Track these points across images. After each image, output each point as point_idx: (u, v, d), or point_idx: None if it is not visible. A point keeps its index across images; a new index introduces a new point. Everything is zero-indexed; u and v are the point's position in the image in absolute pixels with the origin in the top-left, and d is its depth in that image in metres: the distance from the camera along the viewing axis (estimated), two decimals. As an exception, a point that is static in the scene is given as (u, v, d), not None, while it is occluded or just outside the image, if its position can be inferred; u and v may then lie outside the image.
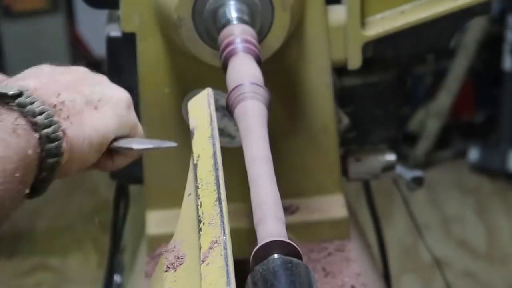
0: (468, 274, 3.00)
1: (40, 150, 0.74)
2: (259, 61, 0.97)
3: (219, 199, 0.74)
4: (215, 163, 0.79)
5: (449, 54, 3.55)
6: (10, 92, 0.73)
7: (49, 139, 0.75)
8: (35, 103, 0.74)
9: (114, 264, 1.44)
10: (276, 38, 1.07)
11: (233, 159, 0.90)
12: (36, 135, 0.73)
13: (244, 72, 0.93)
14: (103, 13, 1.21)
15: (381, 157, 1.25)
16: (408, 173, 1.27)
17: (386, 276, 1.50)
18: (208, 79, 1.06)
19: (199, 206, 0.75)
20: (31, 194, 0.74)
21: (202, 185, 0.77)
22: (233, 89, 0.91)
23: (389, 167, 1.25)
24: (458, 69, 3.64)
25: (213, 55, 1.05)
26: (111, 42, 1.15)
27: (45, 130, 0.74)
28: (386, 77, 1.22)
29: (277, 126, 1.14)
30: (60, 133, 0.76)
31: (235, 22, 1.01)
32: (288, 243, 0.67)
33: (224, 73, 0.96)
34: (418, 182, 1.27)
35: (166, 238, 0.83)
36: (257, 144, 0.82)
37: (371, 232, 1.51)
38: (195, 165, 0.81)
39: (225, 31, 1.00)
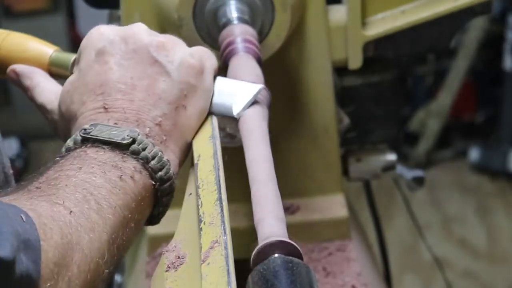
0: (468, 273, 3.00)
1: (155, 192, 0.78)
2: (259, 61, 0.97)
3: (219, 199, 0.74)
4: (216, 163, 0.79)
5: (449, 54, 3.55)
6: (124, 142, 0.76)
7: (162, 180, 0.78)
8: (147, 148, 0.77)
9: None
10: (276, 38, 1.07)
11: (233, 159, 0.89)
12: (152, 180, 0.78)
13: (245, 72, 0.93)
14: (103, 13, 1.22)
15: (381, 157, 1.25)
16: (408, 173, 1.27)
17: (387, 276, 1.50)
18: (208, 79, 1.06)
19: (199, 206, 0.75)
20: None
21: (202, 185, 0.77)
22: (233, 89, 0.91)
23: (390, 167, 1.25)
24: (458, 69, 3.64)
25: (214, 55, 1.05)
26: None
27: (159, 174, 0.78)
28: (387, 77, 1.22)
29: (278, 126, 1.14)
30: (171, 172, 0.79)
31: (235, 22, 1.01)
32: (289, 242, 0.67)
33: (224, 72, 0.96)
34: (418, 182, 1.27)
35: (166, 238, 0.82)
36: (257, 144, 0.82)
37: (371, 232, 1.51)
38: (195, 165, 0.81)
39: (225, 31, 1.00)
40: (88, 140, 0.77)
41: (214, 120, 0.85)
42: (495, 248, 3.19)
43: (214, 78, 0.87)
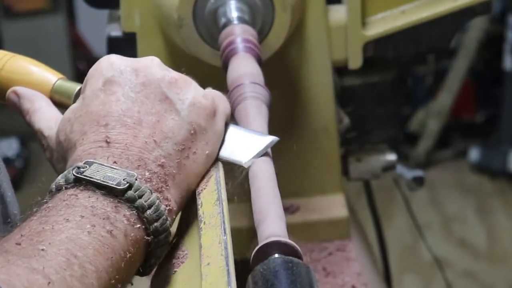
0: (468, 273, 3.00)
1: (148, 244, 0.72)
2: (259, 61, 0.97)
3: (219, 199, 0.74)
4: (216, 163, 0.79)
5: (449, 54, 3.55)
6: (119, 187, 0.70)
7: (157, 232, 0.72)
8: (144, 196, 0.71)
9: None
10: (276, 38, 1.07)
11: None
12: (145, 233, 0.71)
13: (245, 71, 0.93)
14: (103, 13, 1.22)
15: (381, 157, 1.25)
16: (408, 173, 1.27)
17: (387, 276, 1.50)
18: (208, 79, 1.06)
19: (199, 206, 0.75)
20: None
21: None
22: (233, 89, 0.91)
23: (390, 167, 1.25)
24: (458, 69, 3.64)
25: (214, 54, 1.05)
26: (111, 42, 1.15)
27: (154, 225, 0.72)
28: (387, 77, 1.22)
29: (278, 126, 1.14)
30: (168, 222, 0.73)
31: (235, 22, 1.01)
32: (289, 243, 0.67)
33: (224, 72, 0.97)
34: (418, 182, 1.27)
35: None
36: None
37: (371, 231, 1.51)
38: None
39: (225, 31, 1.01)
40: (80, 181, 0.71)
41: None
42: (495, 248, 3.19)
43: (226, 124, 0.81)
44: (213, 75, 1.05)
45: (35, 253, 0.65)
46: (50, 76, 0.88)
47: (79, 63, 3.97)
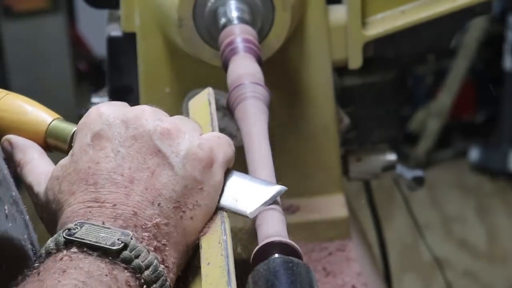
0: (468, 273, 3.00)
1: None
2: (259, 61, 0.97)
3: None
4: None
5: (449, 54, 3.55)
6: (114, 248, 0.66)
7: None
8: (141, 256, 0.67)
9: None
10: (276, 37, 1.07)
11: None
12: None
13: (245, 71, 0.93)
14: (103, 13, 1.22)
15: (381, 157, 1.24)
16: (408, 173, 1.27)
17: (387, 276, 1.50)
18: (208, 79, 1.06)
19: (199, 206, 0.75)
20: None
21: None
22: (233, 89, 0.91)
23: (390, 167, 1.24)
24: (458, 69, 3.64)
25: (214, 54, 1.05)
26: (111, 42, 1.15)
27: (153, 286, 0.68)
28: (387, 77, 1.22)
29: (278, 126, 1.14)
30: (168, 283, 0.69)
31: (235, 21, 1.01)
32: (289, 243, 0.67)
33: (224, 72, 0.97)
34: (418, 182, 1.27)
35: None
36: (258, 144, 0.82)
37: (371, 231, 1.51)
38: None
39: (225, 31, 1.01)
40: (72, 243, 0.67)
41: (214, 119, 0.81)
42: (495, 248, 3.19)
43: (229, 171, 0.76)
44: (213, 75, 1.05)
45: None
46: (45, 116, 0.83)
47: (79, 63, 3.97)
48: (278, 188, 0.74)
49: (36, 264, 0.67)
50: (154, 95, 1.14)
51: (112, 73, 1.15)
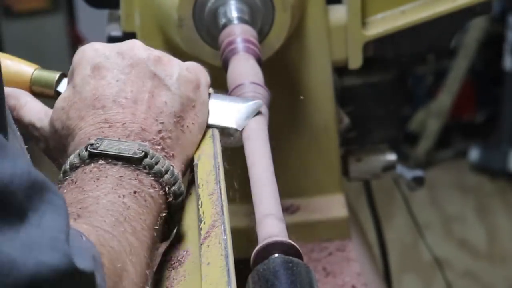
0: (469, 273, 3.00)
1: (168, 208, 0.76)
2: (259, 61, 0.97)
3: (220, 199, 0.74)
4: (216, 163, 0.79)
5: (449, 54, 3.55)
6: (136, 156, 0.74)
7: (176, 195, 0.76)
8: (160, 162, 0.75)
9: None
10: (276, 37, 1.07)
11: (233, 159, 0.89)
12: (166, 196, 0.75)
13: (245, 71, 0.93)
14: (103, 13, 1.22)
15: (381, 157, 1.25)
16: (408, 173, 1.27)
17: (387, 276, 1.50)
18: (208, 79, 1.06)
19: (199, 206, 0.75)
20: None
21: (202, 185, 0.77)
22: (233, 89, 0.91)
23: (390, 167, 1.24)
24: (458, 69, 3.64)
25: (214, 54, 1.05)
26: (111, 42, 1.15)
27: (173, 188, 0.75)
28: (387, 77, 1.22)
29: (278, 126, 1.14)
30: (183, 187, 0.77)
31: (235, 21, 1.01)
32: (289, 242, 0.67)
33: (224, 72, 0.97)
34: (418, 182, 1.27)
35: (166, 238, 0.82)
36: (258, 145, 0.82)
37: (371, 231, 1.51)
38: (195, 165, 0.81)
39: (225, 31, 1.01)
40: (97, 156, 0.74)
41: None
42: (495, 248, 3.19)
43: (209, 93, 0.86)
44: (213, 75, 1.05)
45: (87, 214, 0.68)
46: (26, 67, 0.89)
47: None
48: (256, 102, 0.85)
49: (65, 177, 0.73)
50: (154, 95, 1.14)
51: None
